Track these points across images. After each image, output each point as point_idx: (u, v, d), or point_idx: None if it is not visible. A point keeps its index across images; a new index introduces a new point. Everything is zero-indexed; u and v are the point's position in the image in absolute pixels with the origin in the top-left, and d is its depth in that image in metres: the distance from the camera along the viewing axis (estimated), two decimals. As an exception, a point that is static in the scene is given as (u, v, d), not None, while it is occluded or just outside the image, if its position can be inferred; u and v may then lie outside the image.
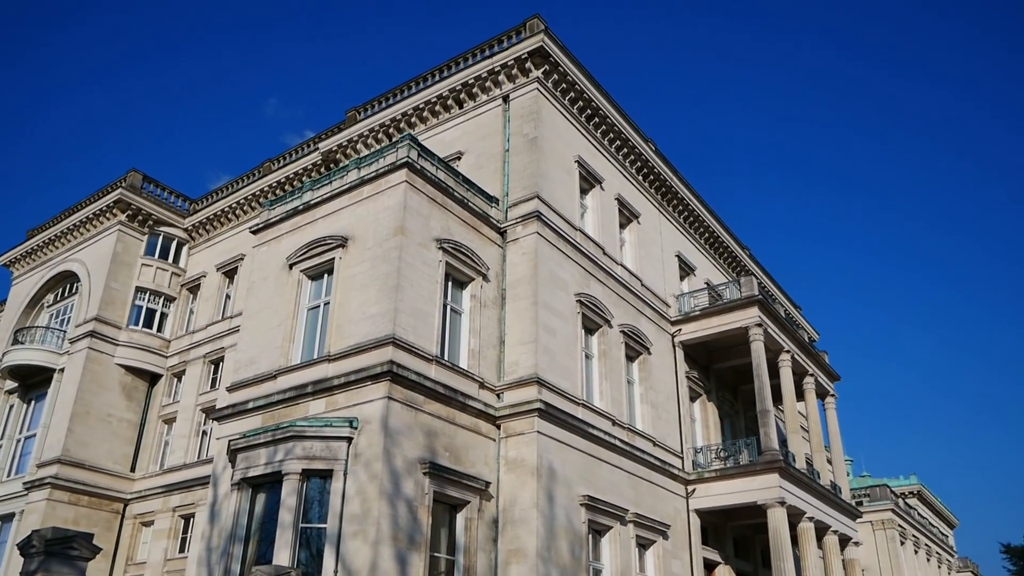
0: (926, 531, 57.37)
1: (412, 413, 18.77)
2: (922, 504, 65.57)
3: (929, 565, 56.97)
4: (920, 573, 53.51)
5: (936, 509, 70.01)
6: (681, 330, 29.51)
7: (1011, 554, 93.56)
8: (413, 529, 17.93)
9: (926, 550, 56.72)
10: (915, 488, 64.78)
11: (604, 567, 22.54)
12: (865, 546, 39.99)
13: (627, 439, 24.60)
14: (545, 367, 21.82)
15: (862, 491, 49.59)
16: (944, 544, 63.67)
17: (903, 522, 51.11)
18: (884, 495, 49.67)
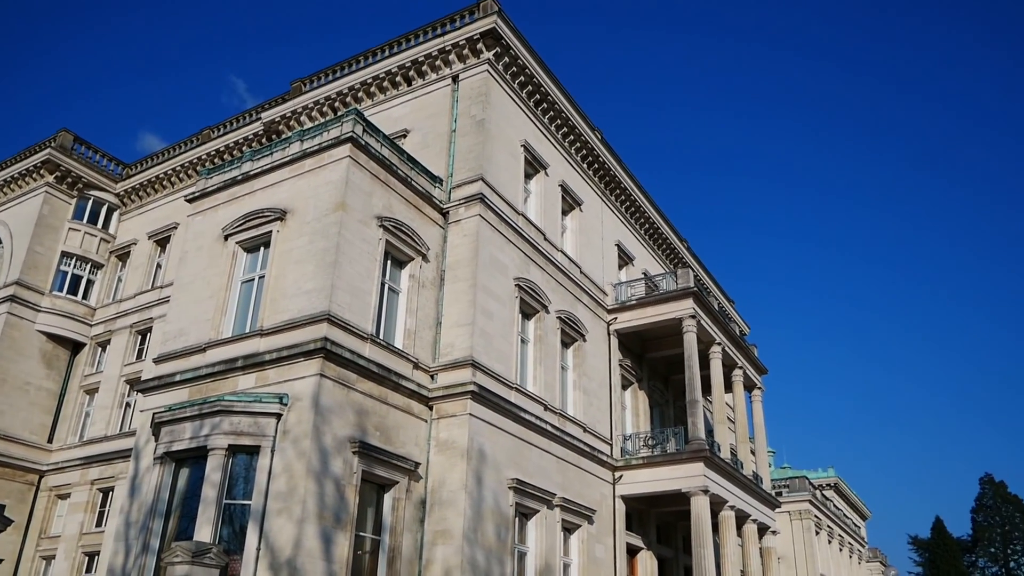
0: (840, 522, 59.38)
1: (344, 391, 18.61)
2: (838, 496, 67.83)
3: (841, 555, 59.02)
4: (832, 562, 55.40)
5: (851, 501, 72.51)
6: (617, 319, 29.84)
7: (917, 546, 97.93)
8: (340, 508, 17.81)
9: (839, 540, 58.72)
10: (832, 480, 66.97)
11: (529, 550, 22.75)
12: (782, 535, 41.21)
13: (558, 424, 24.83)
14: (481, 350, 21.84)
15: (782, 482, 51.02)
16: (856, 535, 66.02)
17: (819, 513, 52.80)
18: (803, 487, 51.19)
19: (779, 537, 36.04)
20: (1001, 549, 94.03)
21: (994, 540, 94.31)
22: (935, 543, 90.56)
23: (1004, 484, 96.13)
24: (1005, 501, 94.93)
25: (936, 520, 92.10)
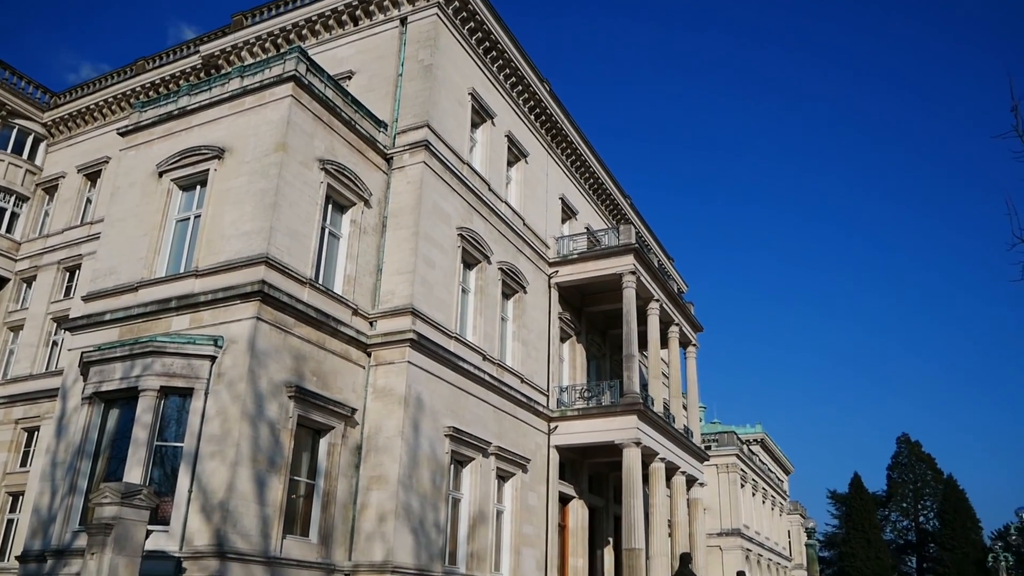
0: (765, 476, 61.46)
1: (281, 335, 18.37)
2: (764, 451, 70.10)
3: (764, 507, 61.21)
4: (755, 514, 57.44)
5: (775, 456, 75.02)
6: (558, 272, 29.96)
7: (835, 499, 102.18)
8: (274, 452, 17.71)
9: (763, 493, 60.85)
10: (759, 436, 69.12)
11: (463, 496, 23.03)
12: (709, 487, 42.49)
13: (496, 374, 24.98)
14: (421, 298, 21.75)
15: (712, 436, 52.44)
16: (779, 488, 68.46)
17: (745, 467, 54.54)
18: (731, 441, 52.74)
19: (706, 489, 37.16)
20: (912, 504, 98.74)
21: (906, 496, 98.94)
22: (852, 497, 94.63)
23: (919, 444, 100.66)
24: (919, 460, 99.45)
25: (854, 476, 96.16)
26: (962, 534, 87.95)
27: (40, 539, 18.32)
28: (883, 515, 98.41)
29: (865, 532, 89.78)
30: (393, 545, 19.31)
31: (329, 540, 19.10)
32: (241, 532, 16.61)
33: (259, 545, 16.99)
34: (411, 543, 19.94)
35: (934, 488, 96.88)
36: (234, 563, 16.34)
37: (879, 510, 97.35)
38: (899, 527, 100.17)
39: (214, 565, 16.02)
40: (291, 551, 17.95)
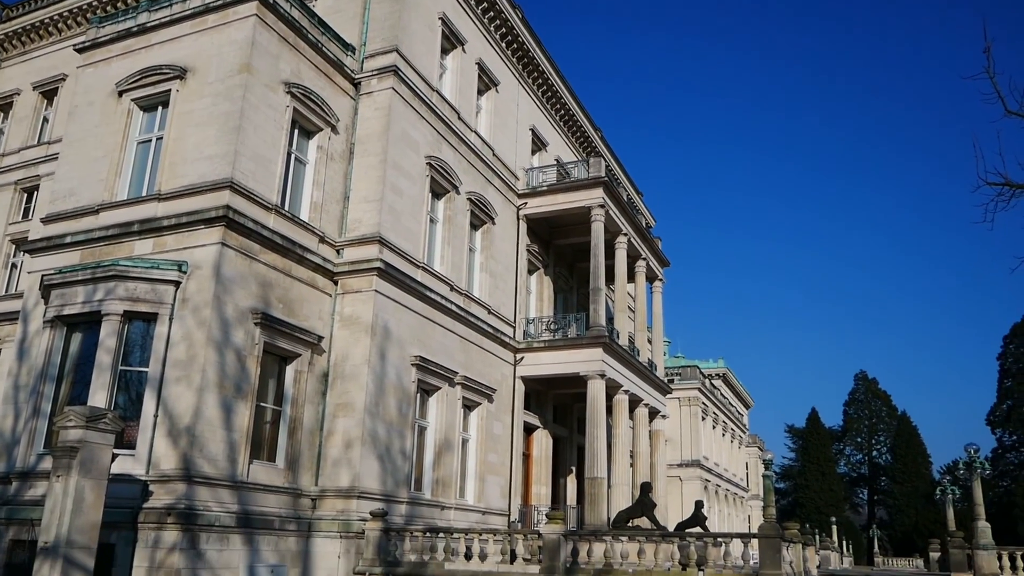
0: (725, 410, 62.85)
1: (247, 262, 18.19)
2: (725, 385, 71.52)
3: (724, 439, 62.75)
4: (715, 446, 58.89)
5: (736, 391, 76.61)
6: (527, 203, 29.85)
7: (793, 433, 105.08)
8: (240, 378, 17.71)
9: (723, 426, 62.31)
10: (721, 371, 70.42)
11: (429, 425, 23.29)
12: (671, 419, 43.32)
13: (463, 305, 25.04)
14: (388, 227, 21.59)
15: (675, 370, 53.31)
16: (739, 422, 70.12)
17: (707, 400, 55.68)
18: (693, 375, 53.68)
19: (668, 421, 37.89)
20: (867, 439, 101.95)
21: (861, 431, 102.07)
22: (809, 432, 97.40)
23: (875, 381, 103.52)
24: (875, 396, 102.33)
25: (812, 411, 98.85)
26: (913, 468, 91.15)
27: (4, 462, 18.27)
28: (838, 449, 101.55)
29: (820, 465, 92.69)
30: (359, 471, 19.55)
31: (296, 466, 19.28)
32: (208, 457, 16.70)
33: (226, 470, 17.12)
34: (377, 469, 20.20)
35: (888, 424, 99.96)
36: (201, 487, 16.47)
37: (834, 444, 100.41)
38: (853, 461, 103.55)
39: (181, 489, 16.14)
40: (258, 476, 18.12)
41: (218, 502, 16.81)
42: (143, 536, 15.83)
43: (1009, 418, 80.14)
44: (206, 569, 16.24)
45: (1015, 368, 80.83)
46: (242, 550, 17.17)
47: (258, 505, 17.94)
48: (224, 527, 16.73)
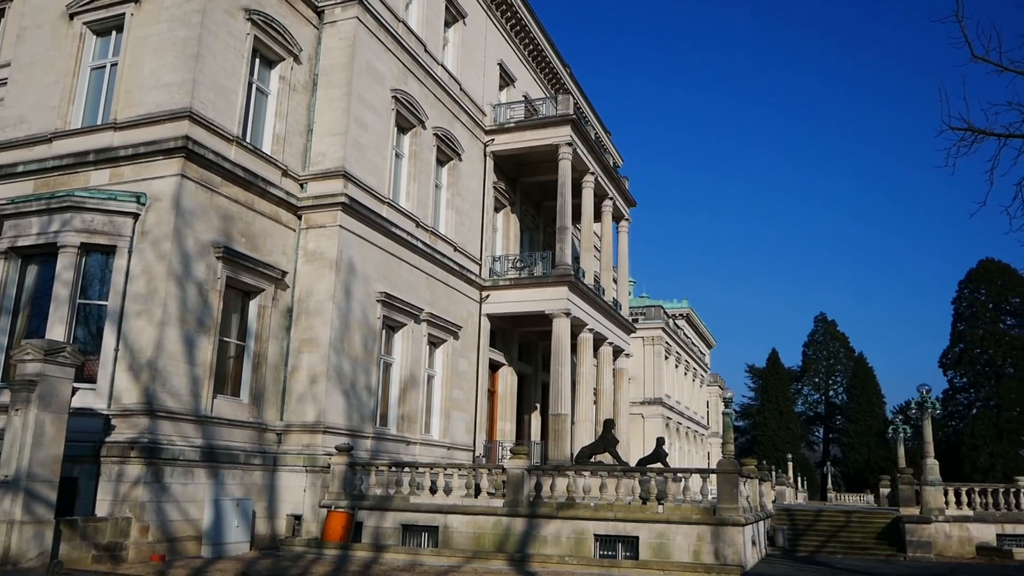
0: (688, 349, 63.75)
1: (208, 194, 17.81)
2: (688, 325, 72.42)
3: (686, 378, 63.80)
4: (677, 384, 59.87)
5: (699, 331, 77.67)
6: (494, 140, 29.50)
7: (753, 373, 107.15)
8: (203, 313, 17.50)
9: (685, 365, 63.28)
10: (685, 311, 71.18)
11: (395, 361, 23.30)
12: (635, 358, 43.86)
13: (429, 242, 24.87)
14: (353, 161, 21.24)
15: (640, 310, 53.78)
16: (701, 361, 71.26)
17: (670, 340, 56.38)
18: (657, 315, 54.23)
19: (632, 360, 38.35)
20: (824, 379, 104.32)
21: (819, 371, 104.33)
22: (769, 372, 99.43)
23: (835, 323, 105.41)
24: (833, 338, 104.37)
25: (772, 352, 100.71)
26: (867, 408, 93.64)
27: (-40, 396, 17.94)
28: (796, 389, 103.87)
29: (778, 404, 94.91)
30: (325, 406, 19.56)
31: (260, 400, 19.24)
32: (171, 391, 16.58)
33: (189, 404, 17.02)
34: (342, 405, 20.23)
35: (845, 365, 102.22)
36: (164, 421, 16.37)
37: (793, 384, 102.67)
38: (810, 400, 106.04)
39: (144, 423, 16.03)
40: (222, 410, 18.05)
41: (182, 436, 16.74)
42: (106, 470, 15.76)
43: (960, 361, 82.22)
44: (171, 502, 16.25)
45: (968, 312, 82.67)
46: (207, 483, 17.18)
47: (223, 439, 17.91)
48: (188, 461, 16.71)
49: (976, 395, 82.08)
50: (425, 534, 18.95)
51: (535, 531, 17.98)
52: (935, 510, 24.72)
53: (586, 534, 17.66)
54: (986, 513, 25.04)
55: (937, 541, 24.17)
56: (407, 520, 19.05)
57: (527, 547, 17.76)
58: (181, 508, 16.48)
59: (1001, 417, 75.98)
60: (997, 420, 76.03)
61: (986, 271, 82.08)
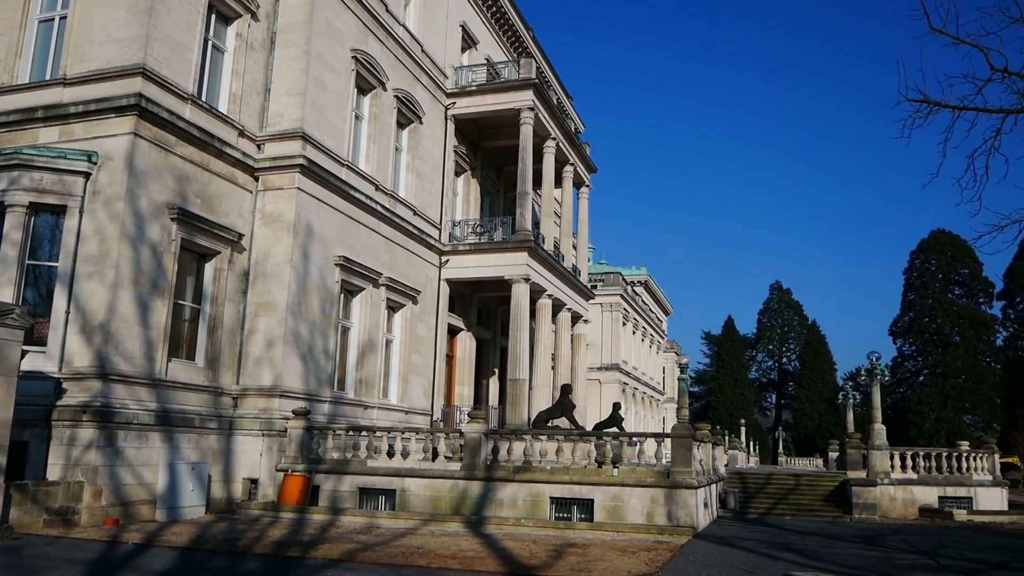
0: (645, 316, 64.36)
1: (162, 154, 17.44)
2: (647, 292, 73.03)
3: (643, 344, 64.48)
4: (635, 351, 60.51)
5: (657, 298, 78.38)
6: (456, 103, 29.22)
7: (709, 340, 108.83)
8: (157, 275, 17.23)
9: (643, 331, 63.91)
10: (643, 278, 71.73)
11: (353, 325, 23.21)
12: (593, 324, 44.19)
13: (389, 205, 24.67)
14: (312, 122, 20.92)
15: (598, 276, 54.05)
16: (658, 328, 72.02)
17: (628, 306, 56.84)
18: (616, 281, 54.55)
19: (590, 326, 38.63)
20: (778, 346, 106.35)
21: (773, 338, 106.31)
22: (724, 338, 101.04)
23: (789, 291, 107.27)
24: (788, 306, 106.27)
25: (728, 319, 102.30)
26: (819, 375, 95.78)
27: (-97, 357, 17.49)
28: (751, 355, 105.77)
29: (733, 371, 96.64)
30: (282, 370, 19.46)
31: (216, 364, 19.06)
32: (124, 354, 16.35)
33: (143, 367, 16.81)
34: (300, 369, 20.14)
35: (799, 332, 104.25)
36: (117, 384, 16.16)
37: (747, 351, 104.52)
38: (764, 367, 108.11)
39: (96, 386, 15.82)
40: (177, 374, 17.86)
41: (136, 400, 16.55)
42: (57, 434, 15.55)
43: (910, 329, 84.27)
44: (124, 466, 16.11)
45: (919, 282, 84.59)
46: (162, 447, 17.05)
47: (178, 403, 17.75)
48: (142, 425, 16.55)
49: (924, 363, 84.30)
50: (382, 497, 19.06)
51: (492, 494, 18.18)
52: (881, 473, 25.48)
53: (542, 497, 17.91)
54: (929, 476, 25.89)
55: (882, 503, 24.96)
56: (364, 483, 19.12)
57: (484, 510, 17.97)
58: (135, 472, 16.34)
59: (947, 384, 78.26)
60: (943, 387, 78.30)
61: (937, 242, 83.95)
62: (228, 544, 13.33)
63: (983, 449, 27.15)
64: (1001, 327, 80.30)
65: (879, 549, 16.19)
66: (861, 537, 18.52)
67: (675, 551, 14.06)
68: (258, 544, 13.51)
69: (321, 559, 12.13)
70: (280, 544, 13.60)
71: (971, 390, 78.17)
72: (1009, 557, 15.38)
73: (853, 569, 13.01)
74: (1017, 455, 66.03)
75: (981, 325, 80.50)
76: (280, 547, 13.27)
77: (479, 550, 13.44)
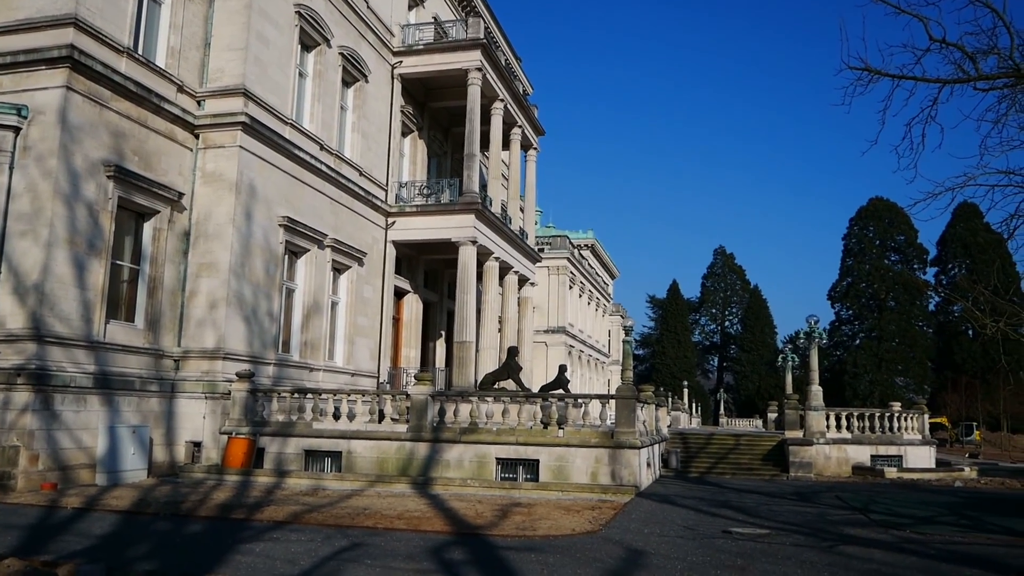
0: (592, 279, 64.84)
1: (96, 109, 16.85)
2: (593, 256, 73.50)
3: (589, 307, 65.03)
4: (581, 314, 61.01)
5: (603, 261, 78.96)
6: (402, 63, 28.75)
7: (654, 304, 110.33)
8: (94, 234, 16.74)
9: (589, 295, 64.42)
10: (590, 242, 72.11)
11: (298, 287, 22.93)
12: (540, 287, 44.37)
13: (334, 166, 24.29)
14: (254, 79, 20.40)
15: (546, 239, 54.14)
16: (604, 292, 72.65)
17: (575, 270, 57.16)
18: (563, 245, 54.74)
19: (536, 289, 38.79)
20: (721, 310, 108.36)
21: (716, 302, 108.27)
22: (668, 302, 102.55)
23: (732, 256, 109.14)
24: (731, 270, 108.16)
25: (673, 283, 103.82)
26: (760, 338, 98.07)
27: None
28: (694, 319, 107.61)
29: (677, 334, 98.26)
30: (225, 332, 19.16)
31: (157, 326, 18.68)
32: (60, 316, 15.91)
33: (80, 329, 16.39)
34: (244, 331, 19.86)
35: (741, 296, 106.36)
36: (53, 347, 15.75)
37: (691, 314, 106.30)
38: (707, 330, 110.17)
39: (31, 348, 15.39)
40: (116, 336, 17.46)
41: (73, 362, 16.15)
42: (-10, 396, 15.11)
43: (847, 294, 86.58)
44: (62, 430, 15.76)
45: (857, 248, 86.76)
46: (101, 411, 16.71)
47: (117, 366, 17.38)
48: (81, 388, 16.18)
49: (860, 326, 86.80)
50: (328, 459, 19.01)
51: (438, 455, 18.27)
52: (817, 433, 26.24)
53: (488, 458, 18.06)
54: (863, 436, 26.76)
55: (817, 462, 25.74)
56: (310, 446, 19.04)
57: (430, 471, 18.06)
58: (74, 436, 16.00)
59: (881, 347, 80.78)
60: (877, 350, 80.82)
61: (875, 209, 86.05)
62: (171, 507, 13.19)
63: (913, 410, 28.12)
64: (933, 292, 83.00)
65: (814, 505, 16.73)
66: (797, 494, 19.10)
67: (618, 509, 14.33)
68: (202, 507, 13.39)
69: (267, 521, 12.08)
70: (225, 507, 13.50)
71: (904, 353, 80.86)
72: (935, 512, 16.03)
73: (789, 525, 13.43)
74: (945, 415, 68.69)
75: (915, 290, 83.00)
76: (225, 510, 13.18)
77: (426, 511, 13.52)
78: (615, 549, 10.47)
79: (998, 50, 9.31)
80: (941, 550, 11.24)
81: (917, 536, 12.55)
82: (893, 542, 11.85)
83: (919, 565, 10.06)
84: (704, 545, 11.08)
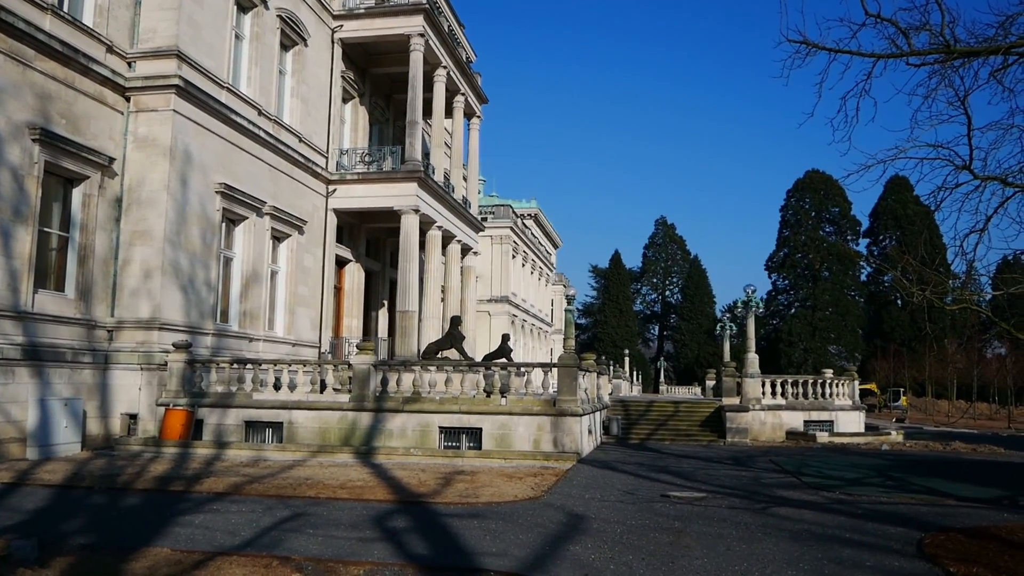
0: (535, 249, 64.99)
1: (19, 69, 16.15)
2: (536, 226, 73.63)
3: (532, 277, 65.25)
4: (524, 283, 61.19)
5: (546, 231, 79.18)
6: (343, 27, 28.14)
7: (596, 273, 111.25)
8: (19, 200, 16.13)
9: (532, 264, 64.60)
10: (533, 211, 72.20)
11: (236, 256, 22.48)
12: (483, 256, 44.29)
13: (272, 131, 23.76)
14: (188, 40, 19.77)
15: (489, 209, 54.05)
16: (547, 261, 72.92)
17: (518, 239, 57.20)
18: (506, 214, 54.69)
19: (479, 258, 38.72)
20: (662, 280, 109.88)
21: (657, 272, 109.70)
22: (611, 272, 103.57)
23: (673, 226, 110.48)
24: (672, 241, 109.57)
25: (615, 253, 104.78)
26: (699, 307, 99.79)
27: None
28: (636, 289, 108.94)
29: (619, 303, 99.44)
30: (160, 302, 18.72)
31: (89, 296, 18.15)
32: (-17, 284, 15.32)
33: (7, 300, 15.84)
34: (180, 300, 19.42)
35: (681, 267, 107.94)
36: (-23, 316, 15.17)
37: (633, 284, 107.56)
38: (648, 300, 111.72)
39: (-47, 318, 14.80)
40: (45, 306, 16.93)
41: (0, 333, 15.61)
42: (-89, 368, 14.54)
43: (784, 264, 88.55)
44: (-11, 402, 15.26)
45: (793, 219, 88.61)
46: (31, 383, 16.22)
47: (47, 337, 16.85)
48: (8, 360, 15.67)
49: (795, 296, 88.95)
50: (269, 430, 18.82)
51: (381, 425, 18.23)
52: (753, 400, 26.89)
53: (431, 426, 18.08)
54: (796, 402, 27.52)
55: (753, 427, 26.40)
56: (250, 417, 18.81)
57: (373, 440, 18.01)
58: (2, 409, 15.52)
59: (815, 316, 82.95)
60: (812, 319, 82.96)
61: (811, 181, 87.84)
62: (107, 480, 12.91)
63: (844, 376, 28.99)
64: (865, 263, 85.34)
65: (749, 469, 17.18)
66: (733, 459, 19.58)
67: (560, 476, 14.51)
68: (139, 480, 13.15)
69: (206, 493, 11.92)
70: (163, 479, 13.28)
71: (837, 322, 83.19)
72: (863, 474, 16.61)
73: (725, 488, 13.77)
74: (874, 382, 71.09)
75: (848, 261, 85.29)
76: (163, 482, 12.96)
77: (369, 480, 13.50)
78: (556, 514, 10.61)
79: (930, 26, 9.46)
80: (868, 510, 11.65)
81: (846, 497, 12.99)
82: (823, 503, 12.25)
83: (847, 524, 10.41)
84: (643, 509, 11.30)
